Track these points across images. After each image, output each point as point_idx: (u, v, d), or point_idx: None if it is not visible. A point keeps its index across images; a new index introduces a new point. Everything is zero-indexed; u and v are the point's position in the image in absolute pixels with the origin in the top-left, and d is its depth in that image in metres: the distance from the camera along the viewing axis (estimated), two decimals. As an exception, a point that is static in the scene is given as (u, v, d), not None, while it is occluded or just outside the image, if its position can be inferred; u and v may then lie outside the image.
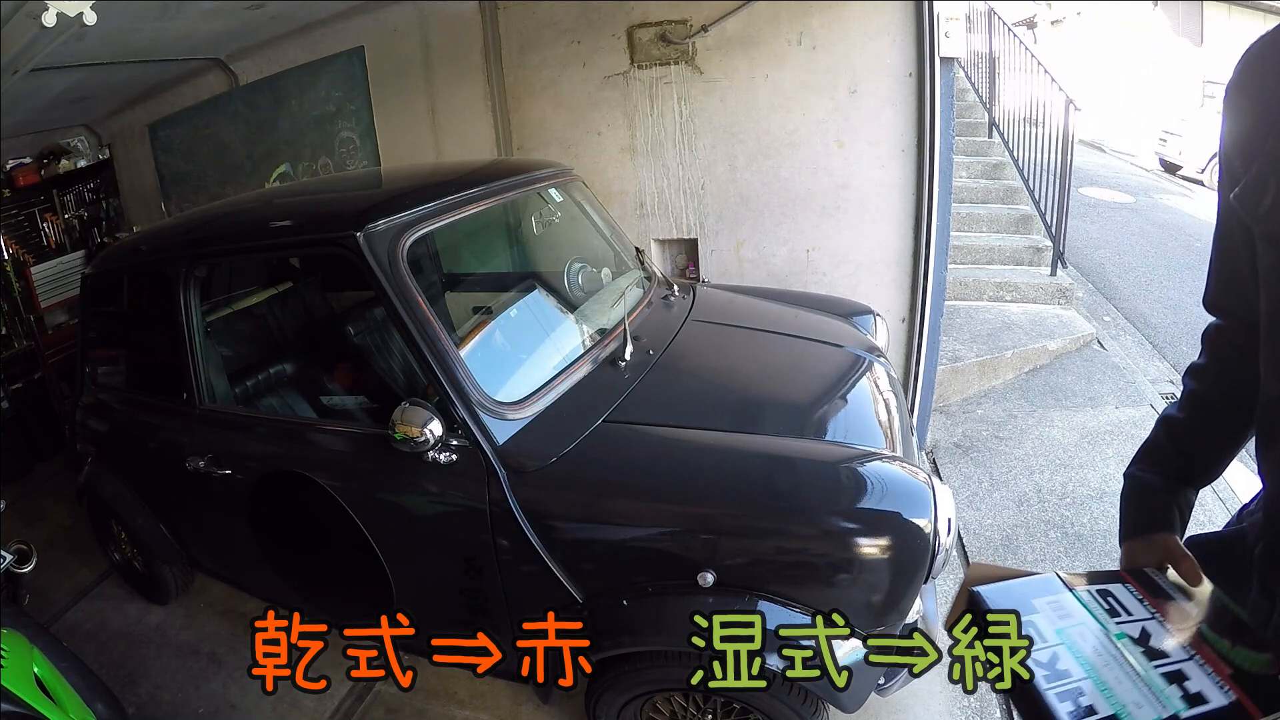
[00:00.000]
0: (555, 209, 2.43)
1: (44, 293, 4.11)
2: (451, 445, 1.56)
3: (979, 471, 2.98)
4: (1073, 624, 0.71)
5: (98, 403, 2.50)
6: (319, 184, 3.27)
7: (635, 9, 2.91)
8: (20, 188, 4.21)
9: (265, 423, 2.08)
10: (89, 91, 3.56)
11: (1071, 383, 3.62)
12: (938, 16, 2.51)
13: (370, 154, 3.57)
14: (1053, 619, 0.72)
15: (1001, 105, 5.70)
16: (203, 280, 2.07)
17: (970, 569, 0.82)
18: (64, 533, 3.15)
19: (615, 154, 3.14)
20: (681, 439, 1.62)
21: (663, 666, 1.50)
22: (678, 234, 3.16)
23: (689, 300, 2.30)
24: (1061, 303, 4.27)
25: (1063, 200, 4.30)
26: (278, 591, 2.13)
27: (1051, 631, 0.70)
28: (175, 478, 2.07)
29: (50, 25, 1.80)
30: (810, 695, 1.44)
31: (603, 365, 1.83)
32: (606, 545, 1.52)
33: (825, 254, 2.95)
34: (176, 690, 2.24)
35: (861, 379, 1.97)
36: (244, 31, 3.34)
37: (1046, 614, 0.72)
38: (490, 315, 1.92)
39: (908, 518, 1.37)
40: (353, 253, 1.64)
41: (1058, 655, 0.68)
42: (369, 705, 2.09)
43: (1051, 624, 0.71)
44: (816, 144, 2.82)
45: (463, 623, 1.70)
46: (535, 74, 3.15)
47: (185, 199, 4.23)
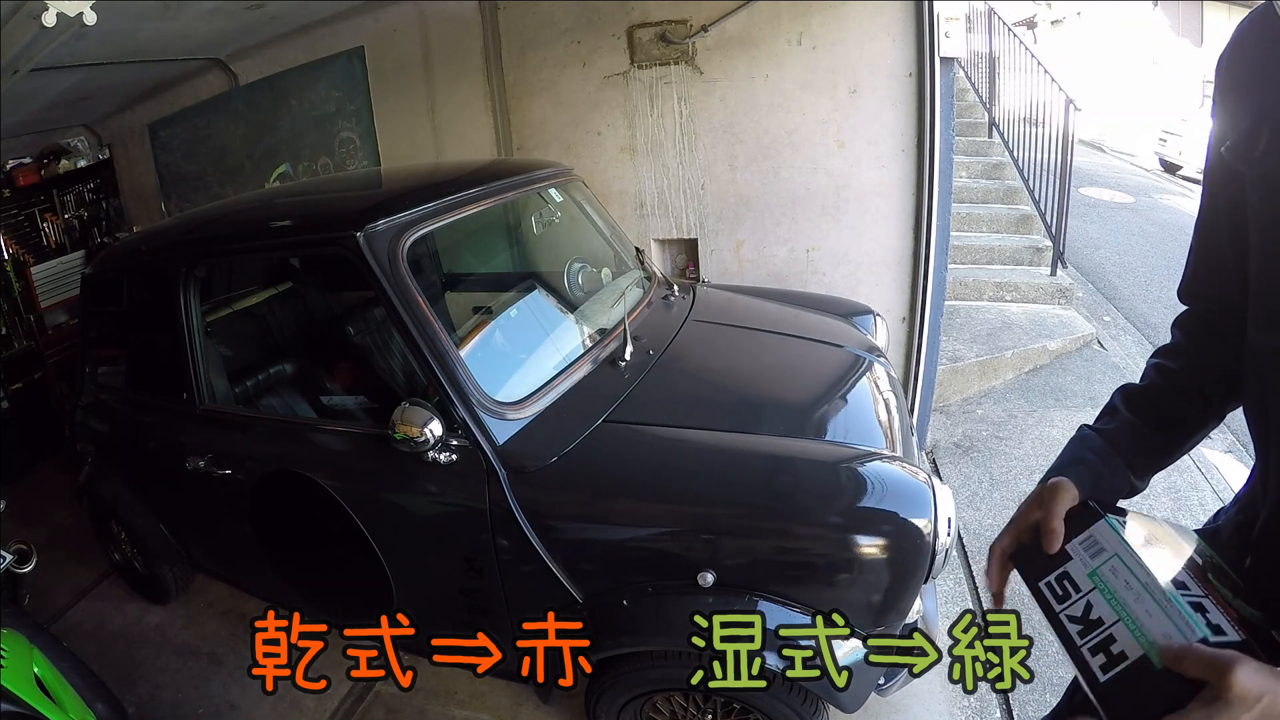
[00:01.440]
0: (555, 209, 2.43)
1: (44, 293, 4.12)
2: (451, 445, 1.56)
3: (979, 471, 2.98)
4: (1104, 560, 0.72)
5: (98, 403, 2.50)
6: (319, 184, 3.27)
7: (635, 9, 2.91)
8: (20, 188, 4.21)
9: (265, 423, 2.08)
10: (89, 91, 3.56)
11: (1071, 383, 3.62)
12: (938, 16, 2.51)
13: (370, 154, 3.57)
14: (1086, 562, 0.73)
15: (1001, 105, 5.70)
16: (203, 280, 2.07)
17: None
18: (64, 533, 3.15)
19: (615, 154, 3.14)
20: (682, 439, 1.62)
21: (663, 666, 1.50)
22: (678, 234, 3.16)
23: (689, 300, 2.30)
24: (1061, 303, 4.27)
25: (1063, 200, 4.30)
26: (278, 591, 2.13)
27: (1085, 577, 0.72)
28: (175, 478, 2.07)
29: (50, 25, 1.80)
30: (810, 695, 1.44)
31: (603, 365, 1.83)
32: (607, 545, 1.52)
33: (825, 254, 2.95)
34: (176, 690, 2.24)
35: (861, 379, 1.97)
36: (244, 31, 3.34)
37: (1080, 558, 0.74)
38: (490, 315, 1.92)
39: (908, 518, 1.37)
40: (353, 253, 1.64)
41: (1091, 604, 0.70)
42: (369, 705, 2.09)
43: (1085, 567, 0.73)
44: (816, 144, 2.82)
45: (463, 623, 1.70)
46: (535, 74, 3.15)
47: (185, 199, 4.23)
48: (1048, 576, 0.75)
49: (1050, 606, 0.74)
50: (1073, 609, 0.71)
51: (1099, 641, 0.68)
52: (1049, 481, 0.81)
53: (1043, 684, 1.75)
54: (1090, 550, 0.74)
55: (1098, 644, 0.68)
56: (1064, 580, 0.74)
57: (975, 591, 2.31)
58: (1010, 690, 1.83)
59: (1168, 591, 0.66)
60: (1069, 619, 0.71)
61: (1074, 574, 0.73)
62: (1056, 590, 0.74)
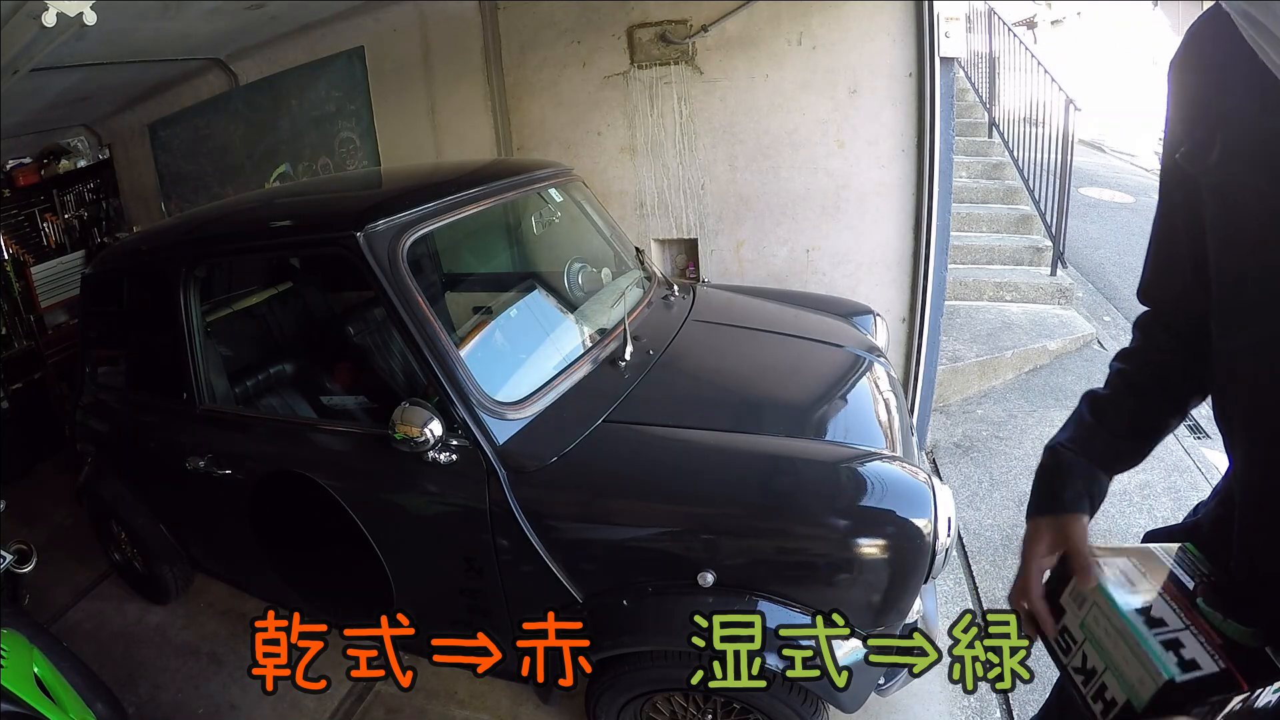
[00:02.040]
0: (555, 209, 2.43)
1: (44, 293, 4.12)
2: (451, 445, 1.56)
3: (979, 471, 2.98)
4: (1088, 610, 0.76)
5: (98, 403, 2.50)
6: (319, 184, 3.27)
7: (635, 9, 2.91)
8: (20, 188, 4.22)
9: (265, 423, 2.08)
10: (89, 91, 3.56)
11: (1071, 383, 3.62)
12: (938, 16, 2.51)
13: (370, 154, 3.57)
14: (1075, 613, 0.77)
15: (1001, 105, 5.70)
16: (203, 280, 2.07)
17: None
18: (64, 533, 3.15)
19: (615, 154, 3.14)
20: (682, 439, 1.62)
21: (663, 666, 1.50)
22: (678, 234, 3.16)
23: (689, 300, 2.30)
24: (1061, 303, 4.27)
25: (1063, 200, 4.30)
26: (278, 591, 2.13)
27: (1078, 628, 0.76)
28: (175, 478, 2.07)
29: (50, 25, 1.80)
30: (810, 695, 1.44)
31: (603, 365, 1.83)
32: (606, 545, 1.51)
33: (825, 254, 2.95)
34: (176, 690, 2.24)
35: (861, 379, 1.97)
36: (244, 31, 3.34)
37: (1071, 610, 0.77)
38: (490, 315, 1.92)
39: (908, 518, 1.37)
40: (353, 253, 1.64)
41: (1085, 654, 0.75)
42: (369, 705, 2.09)
43: (1076, 619, 0.76)
44: (816, 144, 2.82)
45: (463, 623, 1.70)
46: (535, 74, 3.15)
47: (185, 199, 4.23)
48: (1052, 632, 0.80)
49: (1059, 659, 0.78)
50: (1075, 660, 0.76)
51: (1096, 690, 0.72)
52: (1059, 519, 0.82)
53: (1043, 684, 1.73)
54: (1077, 601, 0.77)
55: (1096, 692, 0.72)
56: (1064, 634, 0.78)
57: (975, 591, 2.31)
58: (1010, 690, 1.82)
59: (1139, 635, 0.69)
60: (1074, 670, 0.75)
61: (1070, 626, 0.77)
62: (1061, 643, 0.78)
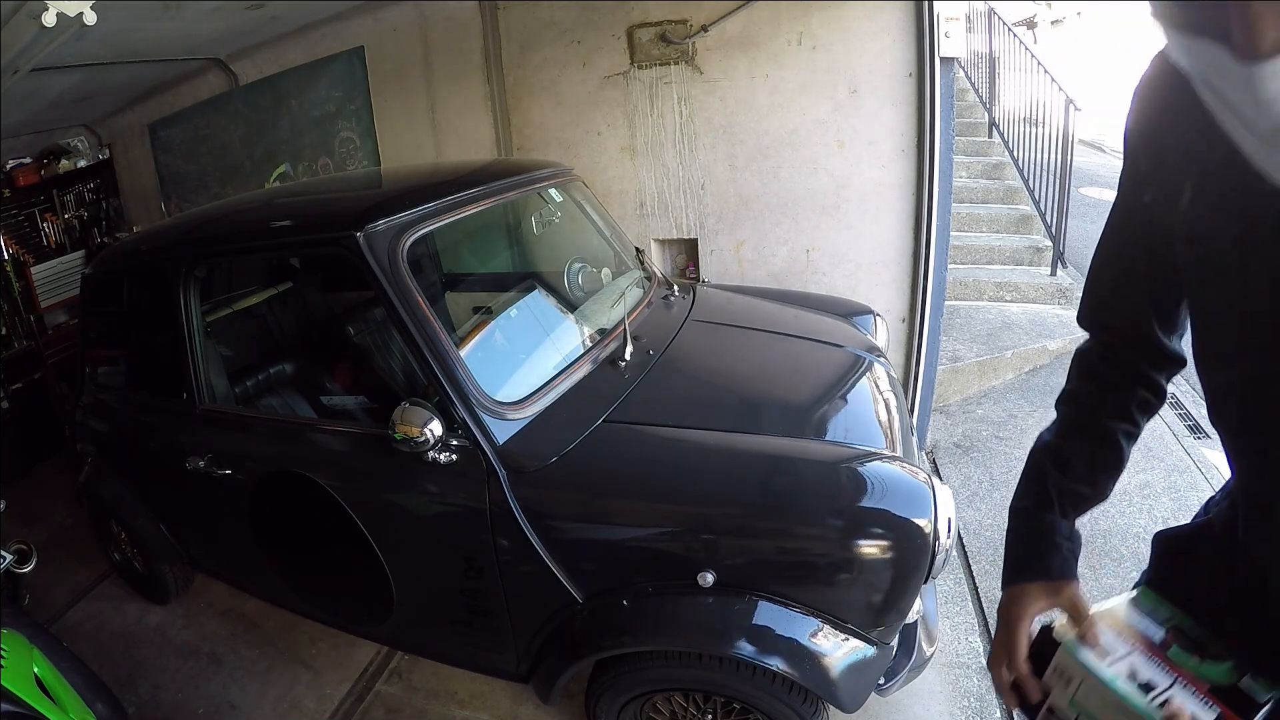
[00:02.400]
0: (555, 209, 2.43)
1: (44, 293, 4.12)
2: (451, 445, 1.56)
3: (979, 471, 2.98)
4: (1076, 686, 0.76)
5: (98, 403, 2.50)
6: (319, 184, 3.27)
7: (635, 9, 2.91)
8: (20, 188, 4.22)
9: (265, 423, 2.08)
10: (89, 91, 3.57)
11: (1071, 383, 3.62)
12: (938, 16, 2.51)
13: (370, 154, 3.58)
14: (1062, 691, 0.77)
15: (1001, 105, 5.70)
16: (203, 280, 2.07)
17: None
18: (64, 533, 3.15)
19: (615, 154, 3.14)
20: (681, 439, 1.62)
21: (663, 666, 1.50)
22: (678, 234, 3.16)
23: (689, 300, 2.30)
24: (1061, 303, 4.27)
25: (1063, 200, 4.30)
26: (278, 592, 2.14)
27: (1067, 706, 0.76)
28: (175, 478, 2.07)
29: (50, 25, 1.80)
30: (810, 695, 1.44)
31: (603, 365, 1.83)
32: (607, 545, 1.51)
33: (825, 254, 2.95)
34: (176, 690, 2.24)
35: (861, 379, 1.97)
36: (244, 31, 3.34)
37: (1057, 688, 0.77)
38: (490, 315, 1.92)
39: (908, 518, 1.37)
40: (353, 253, 1.64)
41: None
42: (369, 705, 2.09)
43: (1064, 697, 0.76)
44: (816, 144, 2.82)
45: (463, 622, 1.70)
46: (535, 74, 3.15)
47: (185, 199, 4.23)
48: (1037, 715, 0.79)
49: None
50: None
51: None
52: (1054, 584, 0.82)
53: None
54: (1062, 679, 0.77)
55: None
56: (1051, 714, 0.78)
57: (975, 591, 2.31)
58: None
59: (1137, 706, 0.70)
60: None
61: (1058, 705, 0.77)
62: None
